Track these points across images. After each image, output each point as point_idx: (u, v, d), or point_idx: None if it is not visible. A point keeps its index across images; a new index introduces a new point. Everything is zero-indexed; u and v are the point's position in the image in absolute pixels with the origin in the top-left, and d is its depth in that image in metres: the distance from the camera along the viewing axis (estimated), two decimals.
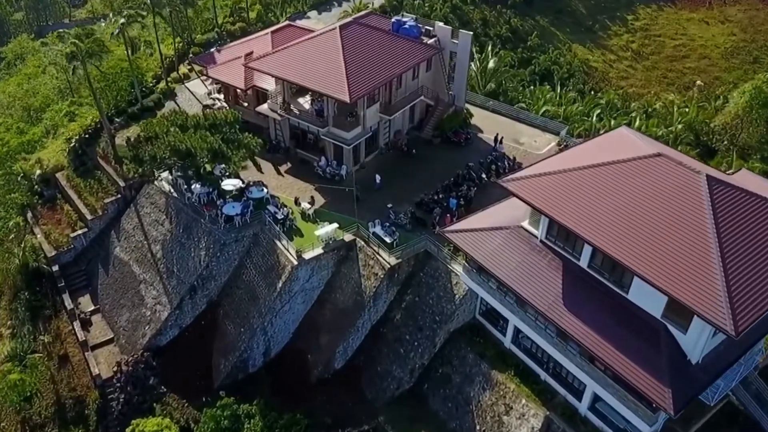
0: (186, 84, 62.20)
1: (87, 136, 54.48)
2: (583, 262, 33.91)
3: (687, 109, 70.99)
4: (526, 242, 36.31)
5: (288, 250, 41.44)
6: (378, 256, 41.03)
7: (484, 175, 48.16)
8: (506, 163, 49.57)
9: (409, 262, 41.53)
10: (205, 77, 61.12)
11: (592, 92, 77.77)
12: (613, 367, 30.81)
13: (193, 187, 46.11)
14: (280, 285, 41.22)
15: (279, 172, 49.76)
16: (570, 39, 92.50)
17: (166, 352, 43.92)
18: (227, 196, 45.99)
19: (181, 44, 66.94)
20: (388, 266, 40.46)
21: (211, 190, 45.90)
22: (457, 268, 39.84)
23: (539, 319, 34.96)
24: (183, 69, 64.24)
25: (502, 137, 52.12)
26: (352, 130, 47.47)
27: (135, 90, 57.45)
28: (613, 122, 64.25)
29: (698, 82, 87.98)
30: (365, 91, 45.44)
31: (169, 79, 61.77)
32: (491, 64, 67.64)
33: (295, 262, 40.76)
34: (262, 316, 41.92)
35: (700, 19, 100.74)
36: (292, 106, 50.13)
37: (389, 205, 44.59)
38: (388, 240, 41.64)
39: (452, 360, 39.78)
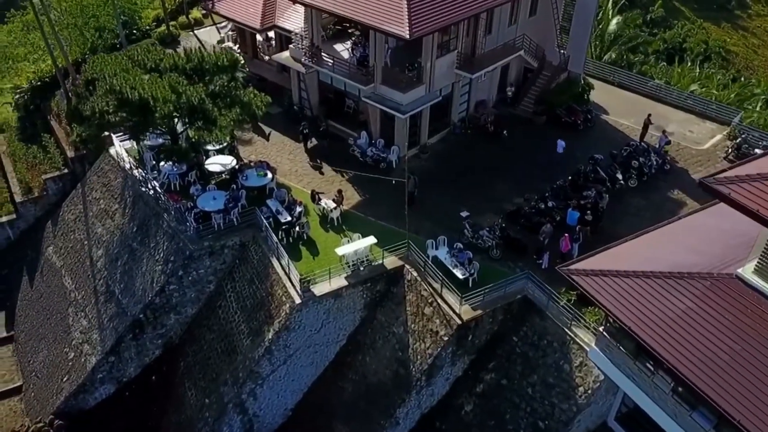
0: (196, 31, 46.84)
1: (40, 84, 39.09)
2: None
3: None
4: (752, 308, 17.88)
5: (288, 277, 24.55)
6: (440, 301, 23.60)
7: (619, 176, 29.82)
8: (654, 159, 31.04)
9: (495, 317, 23.87)
10: (221, 23, 45.56)
11: (742, 79, 58.13)
12: None
13: (161, 164, 30.17)
14: (270, 335, 24.31)
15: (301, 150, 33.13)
16: (698, 16, 73.29)
17: (90, 421, 27.67)
18: (212, 181, 29.94)
19: None
20: (457, 322, 22.96)
21: (185, 169, 29.67)
22: (585, 336, 21.90)
23: None
24: (196, 13, 48.84)
25: (649, 119, 33.61)
26: (411, 90, 30.05)
27: (119, 30, 41.97)
28: None
29: None
30: (435, 26, 27.91)
31: (173, 23, 46.48)
32: (612, 27, 48.80)
33: (298, 300, 23.79)
34: (239, 382, 25.10)
35: None
36: (323, 54, 33.11)
37: (464, 214, 26.96)
38: (459, 274, 24.19)
39: None
